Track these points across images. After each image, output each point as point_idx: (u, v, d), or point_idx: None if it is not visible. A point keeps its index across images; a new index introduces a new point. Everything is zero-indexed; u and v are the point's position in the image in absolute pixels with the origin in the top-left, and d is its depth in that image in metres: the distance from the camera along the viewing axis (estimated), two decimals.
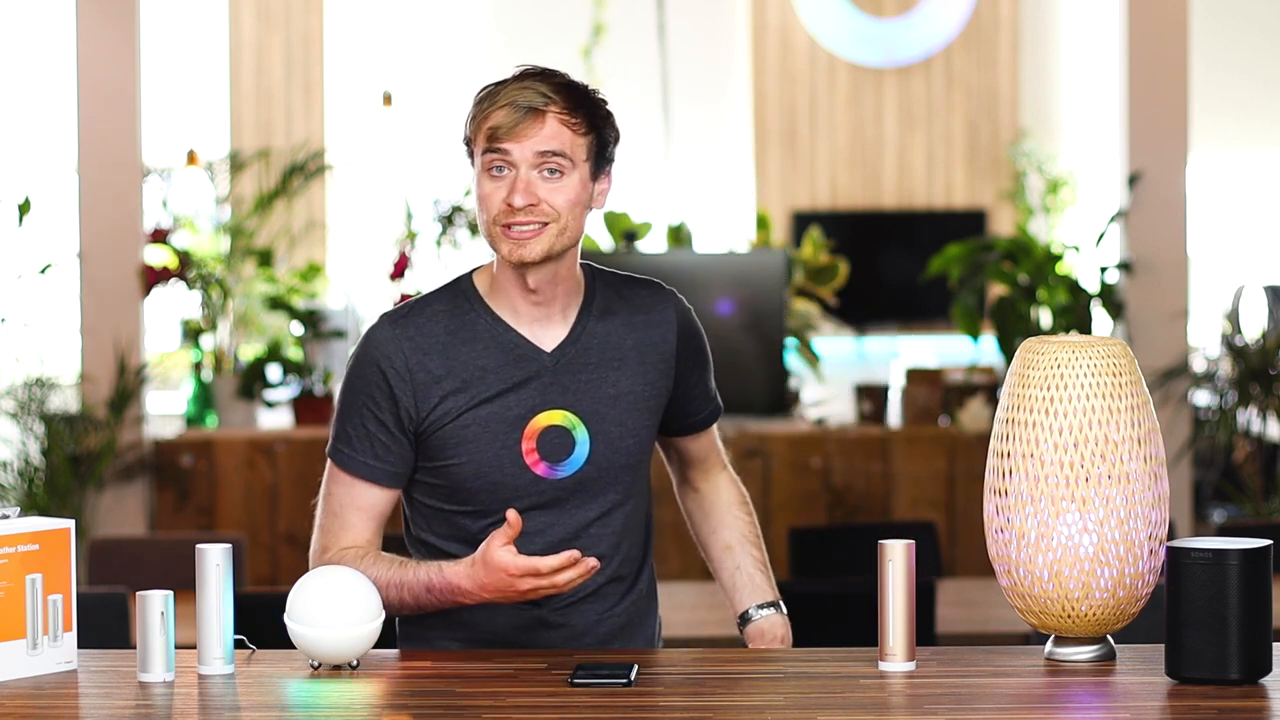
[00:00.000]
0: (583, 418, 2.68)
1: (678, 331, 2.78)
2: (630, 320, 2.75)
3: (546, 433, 2.67)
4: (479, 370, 2.68)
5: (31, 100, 9.35)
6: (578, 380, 2.69)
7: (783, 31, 9.96)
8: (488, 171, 2.67)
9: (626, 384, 2.72)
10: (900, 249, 9.80)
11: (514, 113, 2.63)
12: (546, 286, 2.69)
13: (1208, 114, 8.95)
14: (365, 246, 9.53)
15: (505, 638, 2.71)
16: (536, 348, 2.70)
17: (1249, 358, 6.42)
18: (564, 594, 2.66)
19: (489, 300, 2.73)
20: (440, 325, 2.71)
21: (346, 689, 2.41)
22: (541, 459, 2.67)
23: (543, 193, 2.63)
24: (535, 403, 2.67)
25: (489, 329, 2.70)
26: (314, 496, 2.81)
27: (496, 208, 2.64)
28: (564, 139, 2.63)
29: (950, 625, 4.34)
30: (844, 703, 2.32)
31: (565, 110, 2.63)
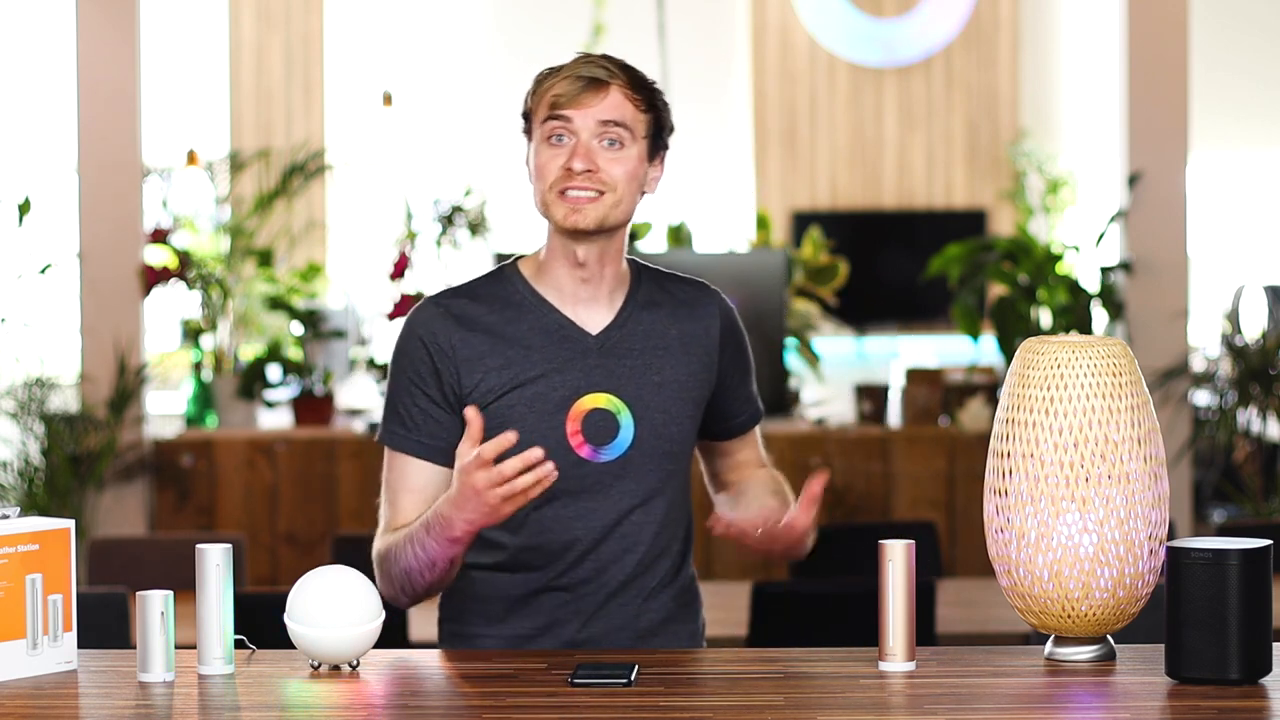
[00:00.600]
0: (628, 402, 2.68)
1: (720, 328, 2.79)
2: (675, 312, 2.76)
3: (591, 415, 2.67)
4: (523, 349, 2.69)
5: (31, 100, 9.35)
6: (623, 365, 2.70)
7: (783, 31, 9.96)
8: (547, 140, 2.69)
9: (670, 373, 2.72)
10: (900, 249, 9.80)
11: (577, 83, 2.67)
12: (594, 263, 2.70)
13: (1208, 114, 8.95)
14: (365, 246, 9.53)
15: (544, 633, 2.70)
16: (582, 330, 2.71)
17: (1249, 358, 6.42)
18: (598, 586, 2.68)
19: (534, 283, 2.74)
20: (484, 305, 2.72)
21: (346, 689, 2.41)
22: (586, 441, 2.67)
23: (602, 161, 2.65)
24: (580, 385, 2.67)
25: (534, 309, 2.71)
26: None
27: (554, 174, 2.67)
28: (626, 111, 2.66)
29: (950, 625, 4.34)
30: (844, 703, 2.32)
31: (628, 85, 2.67)
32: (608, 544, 2.70)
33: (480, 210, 6.98)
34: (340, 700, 2.36)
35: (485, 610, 2.74)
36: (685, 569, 2.81)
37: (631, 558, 2.71)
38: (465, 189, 7.04)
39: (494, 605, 2.73)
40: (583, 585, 2.70)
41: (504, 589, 2.73)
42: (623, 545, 2.71)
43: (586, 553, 2.70)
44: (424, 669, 2.53)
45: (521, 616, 2.72)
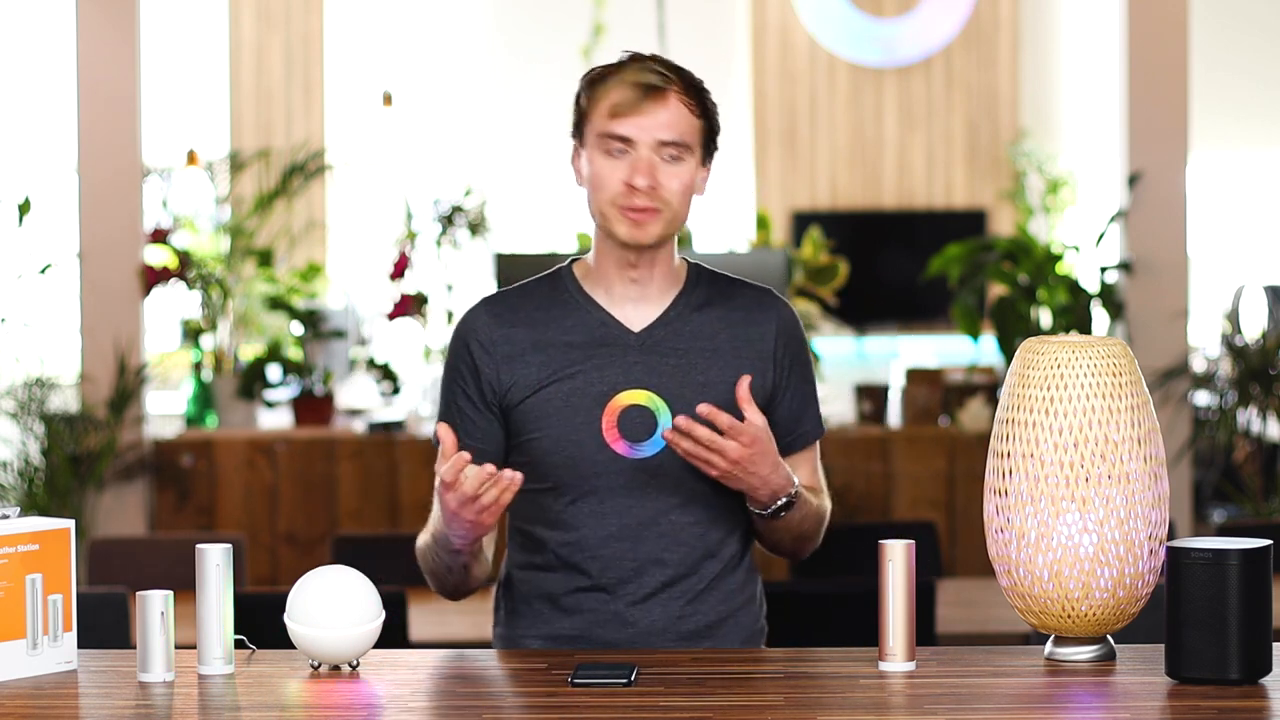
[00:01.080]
0: (667, 400, 2.67)
1: (776, 336, 2.76)
2: (728, 316, 2.75)
3: (628, 411, 2.67)
4: (564, 345, 2.70)
5: (31, 100, 9.35)
6: (665, 363, 2.70)
7: (783, 31, 9.96)
8: (605, 152, 2.67)
9: (717, 374, 2.70)
10: (900, 249, 9.80)
11: (635, 90, 2.64)
12: (647, 266, 2.72)
13: (1208, 114, 8.95)
14: (365, 246, 9.53)
15: (586, 634, 2.70)
16: (624, 327, 2.72)
17: (1249, 358, 6.42)
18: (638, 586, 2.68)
19: (584, 283, 2.76)
20: (532, 302, 2.75)
21: (346, 689, 2.41)
22: (622, 437, 2.66)
23: (662, 177, 2.66)
24: (618, 381, 2.68)
25: (579, 307, 2.73)
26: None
27: (615, 187, 2.66)
28: (684, 125, 2.66)
29: (950, 625, 4.34)
30: (844, 703, 2.32)
31: (683, 90, 2.67)
32: (646, 543, 2.69)
33: (480, 210, 6.98)
34: (340, 700, 2.36)
35: (530, 611, 2.74)
36: (738, 573, 2.78)
37: (672, 558, 2.70)
38: (465, 189, 7.03)
39: (538, 606, 2.73)
40: (622, 585, 2.69)
41: (547, 589, 2.73)
42: (661, 545, 2.70)
43: (624, 550, 2.69)
44: (424, 669, 2.53)
45: (564, 617, 2.72)
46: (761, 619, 2.84)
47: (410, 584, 4.33)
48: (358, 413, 6.94)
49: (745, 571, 2.80)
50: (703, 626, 2.73)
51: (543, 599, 2.73)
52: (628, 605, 2.70)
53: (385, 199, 9.40)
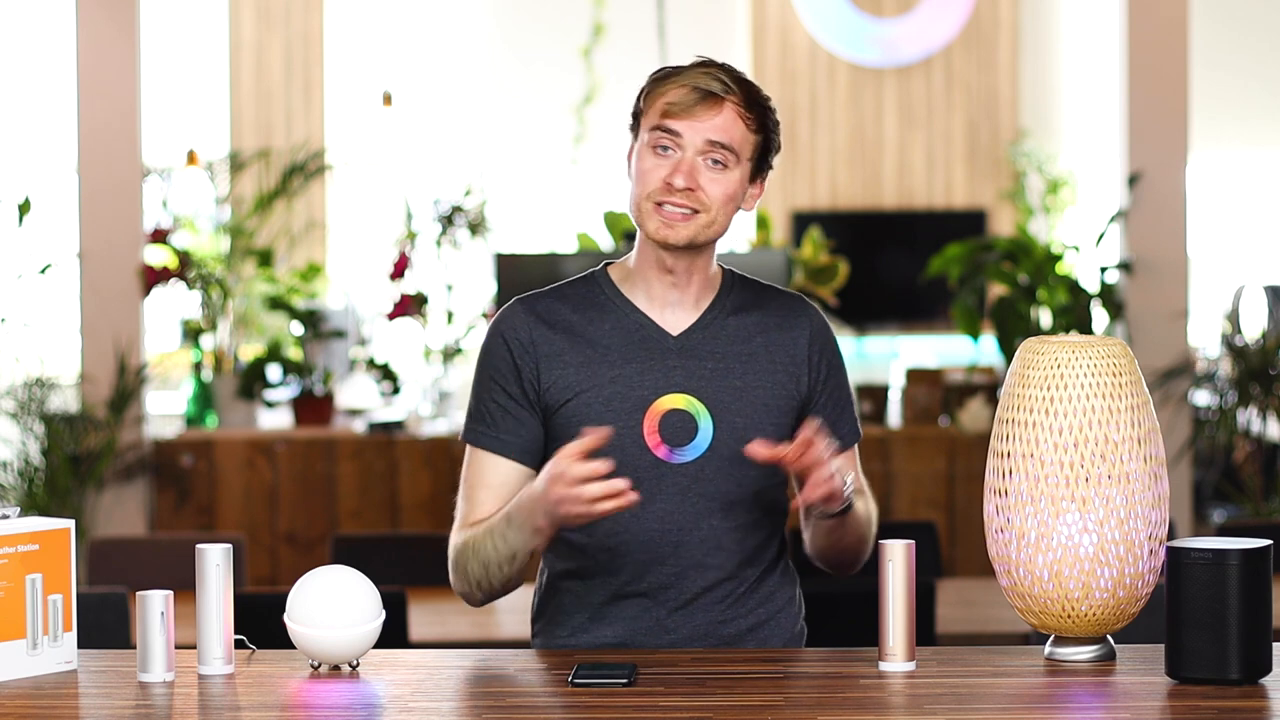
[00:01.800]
0: (707, 404, 2.67)
1: (810, 342, 2.76)
2: (764, 321, 2.75)
3: (669, 416, 2.66)
4: (603, 348, 2.69)
5: (31, 100, 9.35)
6: (703, 367, 2.69)
7: (783, 31, 9.96)
8: (653, 148, 2.66)
9: (754, 379, 2.70)
10: (900, 249, 9.80)
11: (693, 94, 2.63)
12: (683, 272, 2.71)
13: (1208, 114, 8.95)
14: (365, 246, 9.53)
15: (627, 640, 2.69)
16: (662, 330, 2.71)
17: (1249, 358, 6.42)
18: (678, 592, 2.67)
19: (621, 286, 2.75)
20: (569, 305, 2.74)
21: (346, 689, 2.41)
22: (663, 441, 2.66)
23: (703, 180, 2.64)
24: (659, 385, 2.67)
25: (617, 309, 2.72)
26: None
27: (654, 184, 2.65)
28: (735, 132, 2.65)
29: (950, 625, 4.34)
30: (844, 703, 2.32)
31: (742, 103, 2.65)
32: (686, 548, 2.69)
33: (480, 210, 6.98)
34: (340, 700, 2.36)
35: (570, 620, 2.73)
36: (775, 576, 2.77)
37: (713, 562, 2.69)
38: (465, 189, 7.03)
39: (578, 614, 2.72)
40: (662, 590, 2.69)
41: (586, 596, 2.72)
42: (703, 550, 2.69)
43: (665, 556, 2.68)
44: (424, 669, 2.53)
45: (605, 624, 2.71)
46: (801, 620, 2.83)
47: (410, 584, 4.33)
48: (358, 413, 6.94)
49: (783, 574, 2.80)
50: (744, 630, 2.72)
51: (582, 606, 2.72)
52: (669, 612, 2.69)
53: (385, 199, 9.40)
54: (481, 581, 2.68)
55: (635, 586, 2.69)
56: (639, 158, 2.68)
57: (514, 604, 4.47)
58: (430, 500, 6.28)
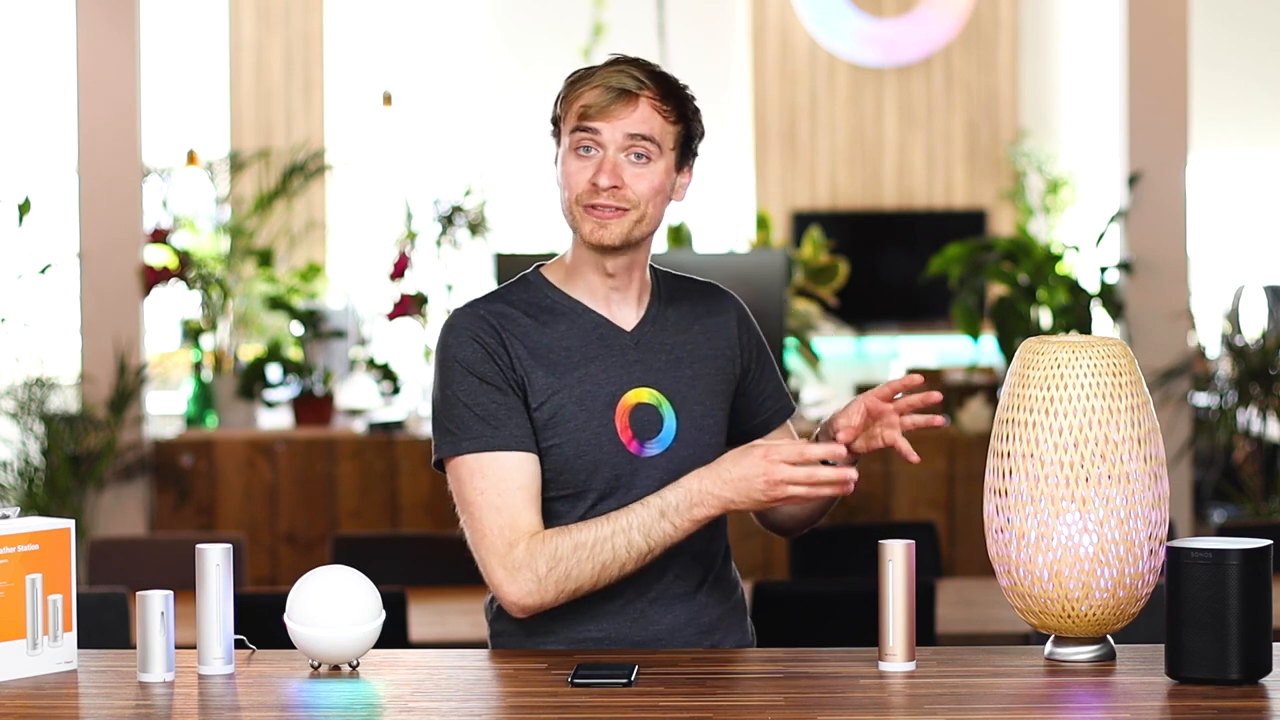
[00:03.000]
0: (668, 396, 2.70)
1: (737, 324, 2.82)
2: (694, 309, 2.79)
3: (637, 410, 2.68)
4: (564, 350, 2.69)
5: (31, 100, 9.35)
6: (659, 359, 2.73)
7: (783, 31, 9.96)
8: (575, 150, 2.67)
9: (701, 366, 2.75)
10: (900, 249, 9.80)
11: (607, 93, 2.64)
12: (623, 273, 2.72)
13: (1208, 114, 8.95)
14: (365, 246, 9.53)
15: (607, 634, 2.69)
16: (617, 327, 2.73)
17: (1249, 358, 6.42)
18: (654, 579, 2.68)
19: (564, 287, 2.75)
20: (519, 310, 2.72)
21: (346, 689, 2.41)
22: (634, 436, 2.67)
23: (628, 177, 2.65)
24: (623, 380, 2.69)
25: (568, 311, 2.73)
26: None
27: (581, 187, 2.66)
28: (654, 124, 2.66)
29: (950, 625, 4.34)
30: (844, 703, 2.32)
31: (657, 97, 2.67)
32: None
33: (480, 210, 6.98)
34: (340, 700, 2.36)
35: (550, 617, 2.69)
36: (729, 566, 2.82)
37: (687, 552, 2.71)
38: (465, 189, 7.03)
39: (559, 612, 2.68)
40: (646, 585, 2.70)
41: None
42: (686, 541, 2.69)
43: None
44: (424, 669, 2.53)
45: (589, 622, 2.70)
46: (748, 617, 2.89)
47: (410, 584, 4.34)
48: (358, 413, 6.94)
49: (732, 566, 2.86)
50: (715, 619, 2.75)
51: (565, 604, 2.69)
52: (651, 604, 2.71)
53: (385, 199, 9.40)
54: (582, 586, 2.60)
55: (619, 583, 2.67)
56: (563, 162, 2.69)
57: None
58: (430, 500, 6.28)
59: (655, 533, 2.59)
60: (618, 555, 2.58)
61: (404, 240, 6.96)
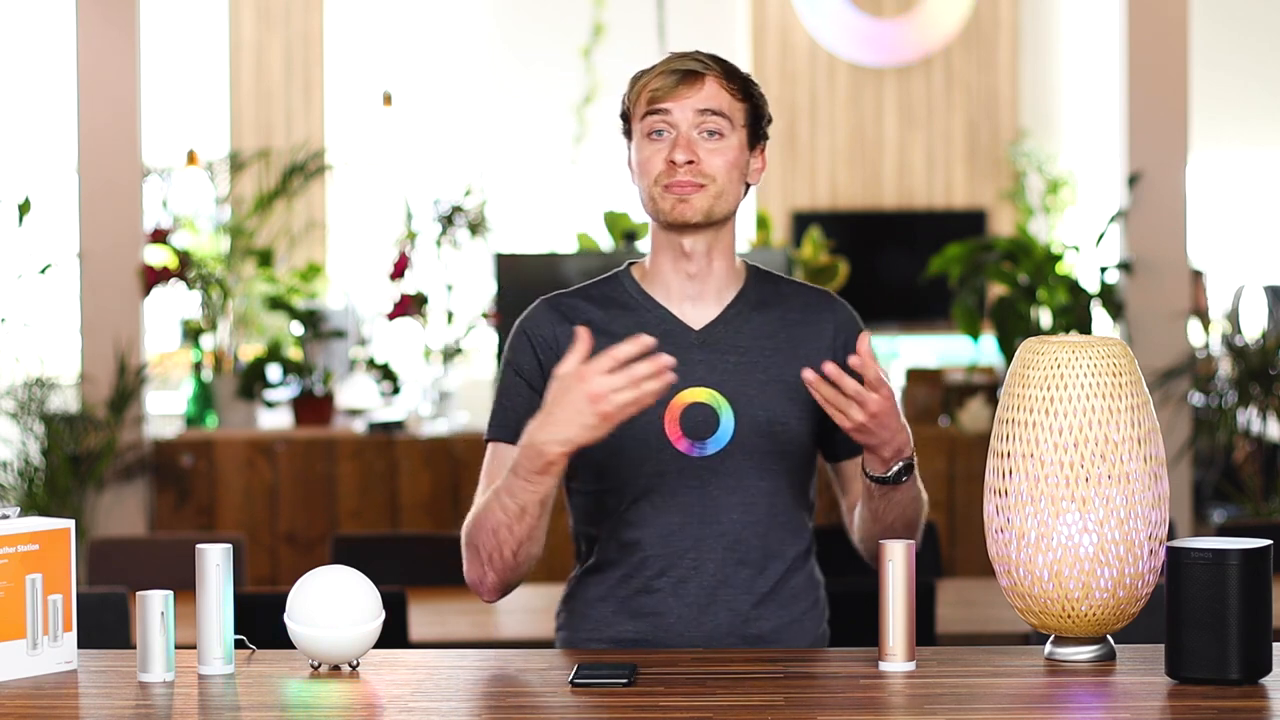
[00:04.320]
0: (728, 398, 2.67)
1: (835, 334, 2.76)
2: (785, 316, 2.76)
3: (690, 409, 2.66)
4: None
5: (31, 100, 9.35)
6: (726, 361, 2.70)
7: (783, 31, 9.96)
8: (647, 136, 2.69)
9: (777, 371, 2.71)
10: (900, 249, 9.80)
11: (672, 76, 2.67)
12: (702, 256, 2.71)
13: (1208, 114, 8.95)
14: (365, 246, 9.53)
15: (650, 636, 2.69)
16: (684, 325, 2.72)
17: (1249, 358, 6.42)
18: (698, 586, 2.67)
19: (643, 284, 2.76)
20: (593, 303, 2.76)
21: (346, 689, 2.41)
22: (684, 435, 2.66)
23: (702, 153, 2.66)
24: (681, 379, 2.65)
25: (639, 307, 2.74)
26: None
27: (657, 168, 2.67)
28: (723, 100, 2.68)
29: (950, 625, 4.34)
30: (844, 703, 2.32)
31: (722, 75, 2.69)
32: (708, 541, 2.69)
33: (480, 210, 6.98)
34: (340, 700, 2.36)
35: (594, 615, 2.74)
36: (801, 576, 2.77)
37: (733, 557, 2.70)
38: (465, 189, 7.03)
39: (601, 609, 2.73)
40: (683, 586, 2.70)
41: (609, 592, 2.73)
42: (723, 544, 2.70)
43: (685, 551, 2.69)
44: (424, 669, 2.53)
45: (627, 620, 2.72)
46: (824, 624, 2.83)
47: (410, 584, 4.33)
48: (358, 413, 6.94)
49: (809, 575, 2.80)
50: (768, 631, 2.73)
51: (605, 602, 2.73)
52: (689, 607, 2.70)
53: (385, 199, 9.40)
54: (493, 555, 2.60)
55: (657, 582, 2.70)
56: (637, 150, 2.71)
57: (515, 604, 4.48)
58: (430, 500, 6.28)
59: (516, 491, 2.54)
60: (500, 518, 2.57)
61: (404, 240, 6.96)
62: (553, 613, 2.90)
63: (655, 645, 2.69)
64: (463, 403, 7.48)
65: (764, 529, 2.71)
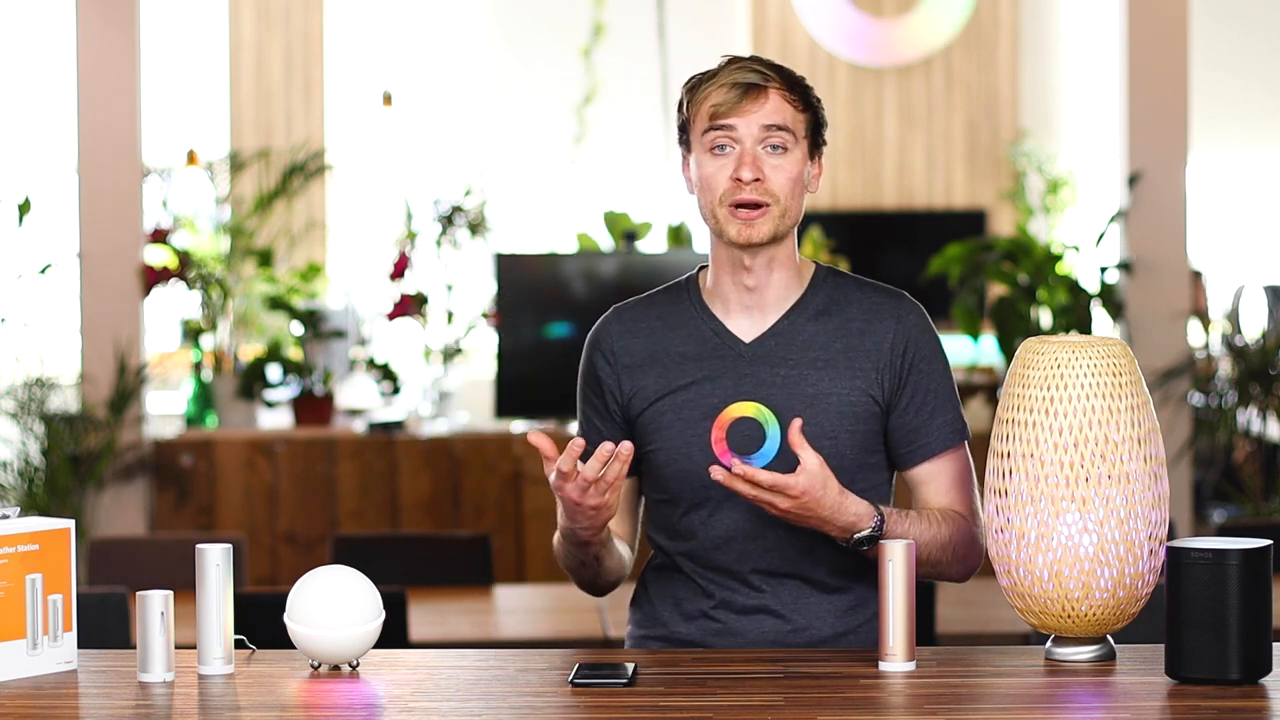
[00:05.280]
0: (776, 412, 2.64)
1: (894, 343, 2.72)
2: (846, 326, 2.72)
3: (738, 424, 2.63)
4: (678, 356, 2.72)
5: (31, 100, 9.34)
6: (775, 374, 2.69)
7: (783, 31, 9.96)
8: (709, 152, 2.66)
9: (829, 385, 2.68)
10: (900, 249, 9.80)
11: (735, 90, 2.64)
12: (762, 269, 2.70)
13: (1208, 114, 8.95)
14: (365, 246, 9.53)
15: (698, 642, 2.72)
16: (735, 337, 2.72)
17: (1249, 358, 6.42)
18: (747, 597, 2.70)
19: (704, 291, 2.76)
20: (655, 312, 2.77)
21: (346, 689, 2.41)
22: (730, 449, 2.64)
23: (768, 169, 2.64)
24: (729, 392, 2.67)
25: (695, 317, 2.74)
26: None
27: (723, 185, 2.65)
28: (786, 114, 2.66)
29: (950, 625, 4.34)
30: (844, 703, 2.32)
31: (784, 86, 2.66)
32: (752, 555, 2.70)
33: (480, 210, 6.98)
34: (340, 700, 2.36)
35: (656, 613, 2.78)
36: (860, 588, 2.74)
37: (780, 570, 2.70)
38: (465, 189, 7.03)
39: (662, 609, 2.77)
40: (731, 595, 2.71)
41: (670, 593, 2.77)
42: (768, 559, 2.70)
43: (731, 562, 2.71)
44: (424, 669, 2.53)
45: (683, 622, 2.74)
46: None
47: (410, 584, 4.33)
48: (358, 413, 6.94)
49: (866, 587, 2.74)
50: (815, 641, 2.72)
51: (666, 602, 2.77)
52: (736, 615, 2.72)
53: (385, 199, 9.40)
54: (583, 576, 2.77)
55: (705, 590, 2.73)
56: (699, 165, 2.68)
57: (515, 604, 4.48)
58: (430, 500, 6.28)
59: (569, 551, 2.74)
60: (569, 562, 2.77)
61: (404, 240, 6.96)
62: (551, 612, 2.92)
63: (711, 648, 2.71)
64: (463, 403, 7.48)
65: (810, 542, 2.69)
